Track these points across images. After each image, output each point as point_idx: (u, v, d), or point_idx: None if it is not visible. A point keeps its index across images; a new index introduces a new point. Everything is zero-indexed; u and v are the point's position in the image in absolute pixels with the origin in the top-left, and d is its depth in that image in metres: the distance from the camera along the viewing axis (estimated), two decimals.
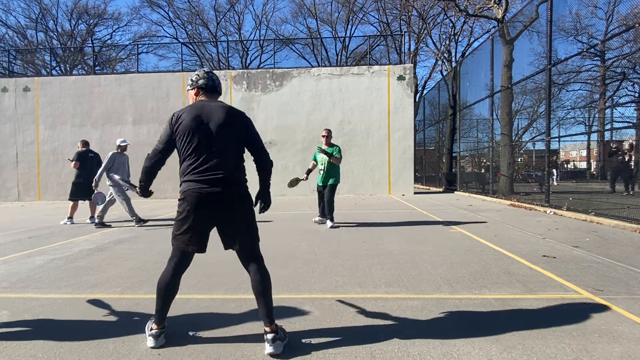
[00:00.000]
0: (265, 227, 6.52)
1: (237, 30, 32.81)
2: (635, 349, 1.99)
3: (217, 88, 2.26)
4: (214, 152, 2.06)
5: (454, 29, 22.71)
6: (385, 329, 2.28)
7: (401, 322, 2.37)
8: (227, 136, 2.09)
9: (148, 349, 2.07)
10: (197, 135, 2.05)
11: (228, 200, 2.07)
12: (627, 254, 4.12)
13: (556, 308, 2.56)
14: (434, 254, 4.20)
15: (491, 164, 12.26)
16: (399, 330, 2.26)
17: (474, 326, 2.29)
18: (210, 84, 2.22)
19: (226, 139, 2.09)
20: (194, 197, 2.04)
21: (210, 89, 2.23)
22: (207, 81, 2.21)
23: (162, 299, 2.09)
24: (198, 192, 2.03)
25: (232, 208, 2.08)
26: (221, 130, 2.07)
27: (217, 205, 2.05)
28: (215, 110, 2.10)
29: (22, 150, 14.65)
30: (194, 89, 2.23)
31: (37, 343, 2.16)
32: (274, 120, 14.25)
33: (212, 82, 2.22)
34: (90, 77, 14.93)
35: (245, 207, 2.13)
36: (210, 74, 2.24)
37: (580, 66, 11.50)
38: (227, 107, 2.15)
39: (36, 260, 4.30)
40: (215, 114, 2.09)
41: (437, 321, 2.38)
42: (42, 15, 28.93)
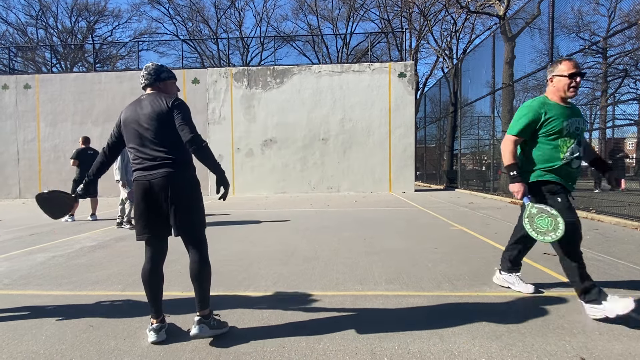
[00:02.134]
0: (265, 224, 6.53)
1: (238, 27, 32.72)
2: (636, 346, 1.99)
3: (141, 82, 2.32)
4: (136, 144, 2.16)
5: (455, 26, 22.62)
6: (385, 326, 2.28)
7: (401, 319, 2.37)
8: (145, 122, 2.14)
9: (149, 345, 2.08)
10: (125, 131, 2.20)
11: (158, 186, 2.10)
12: (627, 251, 4.12)
13: (557, 305, 2.56)
14: (435, 251, 4.20)
15: (492, 161, 12.24)
16: (399, 327, 2.26)
17: (475, 323, 2.29)
18: (142, 80, 2.33)
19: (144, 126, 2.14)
20: (136, 186, 2.16)
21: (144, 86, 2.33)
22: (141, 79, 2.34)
23: (147, 290, 2.16)
24: (135, 181, 2.16)
25: (166, 194, 2.10)
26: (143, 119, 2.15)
27: (151, 192, 2.11)
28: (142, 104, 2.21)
29: (23, 147, 14.67)
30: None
31: (38, 340, 2.17)
32: (274, 118, 14.24)
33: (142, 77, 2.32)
34: (90, 75, 14.91)
35: (180, 191, 2.11)
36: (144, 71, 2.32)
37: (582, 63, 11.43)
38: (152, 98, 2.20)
39: (37, 257, 4.31)
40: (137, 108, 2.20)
41: (437, 318, 2.38)
42: (42, 12, 28.89)
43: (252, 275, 3.41)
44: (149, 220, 2.12)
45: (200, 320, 2.10)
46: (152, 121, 2.13)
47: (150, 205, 2.11)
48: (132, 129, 2.16)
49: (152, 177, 2.09)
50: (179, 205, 2.10)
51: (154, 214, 2.12)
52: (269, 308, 2.60)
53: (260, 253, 4.29)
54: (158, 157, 2.10)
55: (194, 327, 2.09)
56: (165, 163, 2.10)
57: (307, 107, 14.18)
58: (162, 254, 2.21)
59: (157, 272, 2.17)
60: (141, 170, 2.13)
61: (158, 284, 2.17)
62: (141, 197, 2.12)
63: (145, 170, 2.11)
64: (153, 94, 2.23)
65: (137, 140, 2.15)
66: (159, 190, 2.09)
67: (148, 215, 2.12)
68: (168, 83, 2.34)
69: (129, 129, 2.18)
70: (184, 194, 2.12)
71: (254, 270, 3.56)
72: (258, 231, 5.79)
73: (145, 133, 2.13)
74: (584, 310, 2.37)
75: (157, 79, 2.32)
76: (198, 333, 2.08)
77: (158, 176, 2.09)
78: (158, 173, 2.09)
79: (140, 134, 2.14)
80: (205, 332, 2.09)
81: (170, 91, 2.33)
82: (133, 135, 2.16)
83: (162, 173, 2.09)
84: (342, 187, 14.12)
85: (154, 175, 2.09)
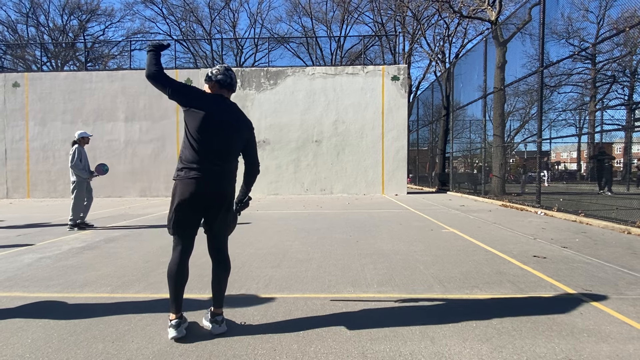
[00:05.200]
0: (257, 226, 6.49)
1: (232, 28, 32.66)
2: (623, 348, 2.02)
3: (234, 87, 2.33)
4: (219, 147, 2.15)
5: (448, 30, 22.84)
6: (377, 328, 2.28)
7: (393, 322, 2.38)
8: (234, 137, 2.21)
9: (138, 348, 2.05)
10: (211, 125, 2.13)
11: (221, 197, 2.17)
12: (615, 254, 4.18)
13: (546, 308, 2.59)
14: (426, 254, 4.22)
15: (483, 164, 12.37)
16: (390, 329, 2.26)
17: (465, 326, 2.31)
18: (229, 81, 2.29)
19: (232, 139, 2.20)
20: (187, 186, 2.11)
21: (227, 86, 2.29)
22: (226, 78, 2.28)
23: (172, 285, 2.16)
24: (193, 183, 2.10)
25: (222, 205, 2.19)
26: (231, 130, 2.19)
27: (211, 199, 2.15)
28: (232, 109, 2.25)
29: (11, 146, 14.41)
30: (211, 82, 2.27)
31: (24, 343, 2.13)
32: (267, 119, 14.21)
33: (231, 79, 2.29)
34: (81, 73, 14.73)
35: (229, 205, 2.26)
36: (230, 72, 2.30)
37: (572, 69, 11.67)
38: (241, 111, 2.31)
39: (24, 258, 4.23)
40: (231, 113, 2.23)
41: (428, 320, 2.39)
42: (33, 9, 28.49)
43: (243, 277, 3.39)
44: (191, 218, 2.16)
45: (223, 318, 2.25)
46: (240, 134, 2.24)
47: (197, 206, 2.13)
48: (223, 132, 2.16)
49: (215, 185, 2.13)
50: (228, 215, 2.25)
51: (197, 214, 2.17)
52: (261, 310, 2.58)
53: (252, 255, 4.27)
54: (229, 168, 2.21)
55: (217, 325, 2.22)
56: (231, 176, 2.23)
57: (301, 108, 14.19)
58: (191, 251, 2.24)
59: (185, 267, 2.19)
60: (205, 171, 2.11)
61: (184, 279, 2.19)
62: (194, 197, 2.10)
63: (210, 174, 2.12)
64: (235, 103, 2.31)
65: (222, 144, 2.16)
66: (217, 198, 2.15)
67: (192, 214, 2.15)
68: None
69: (218, 127, 2.14)
70: (231, 206, 2.27)
71: (245, 272, 3.54)
72: (250, 233, 5.77)
73: (233, 141, 2.20)
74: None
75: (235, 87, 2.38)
76: (226, 330, 2.24)
77: (223, 186, 2.16)
78: (223, 183, 2.17)
79: (231, 140, 2.18)
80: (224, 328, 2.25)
81: None
82: (221, 136, 2.15)
83: (227, 185, 2.19)
84: (335, 189, 14.13)
85: (219, 184, 2.15)
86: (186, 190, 2.09)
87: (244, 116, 2.31)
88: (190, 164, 2.12)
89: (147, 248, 4.69)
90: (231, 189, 2.24)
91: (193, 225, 2.19)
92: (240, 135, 2.24)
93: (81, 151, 6.33)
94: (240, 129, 2.24)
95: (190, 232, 2.19)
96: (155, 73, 2.11)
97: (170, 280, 2.15)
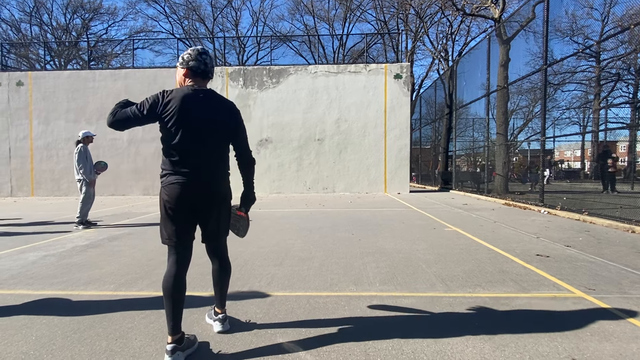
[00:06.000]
0: (260, 224, 6.51)
1: (234, 26, 32.67)
2: (627, 347, 2.01)
3: (209, 74, 2.09)
4: (197, 147, 1.96)
5: (451, 28, 22.74)
6: (379, 326, 2.28)
7: (395, 320, 2.38)
8: (214, 131, 2.00)
9: (141, 346, 2.06)
10: (185, 124, 1.93)
11: (210, 197, 2.01)
12: (619, 253, 4.16)
13: (549, 307, 2.58)
14: (429, 253, 4.22)
15: (486, 163, 12.32)
16: (392, 328, 2.26)
17: (468, 324, 2.30)
18: (202, 68, 2.04)
19: (212, 134, 2.00)
20: (176, 188, 1.94)
21: (201, 74, 2.05)
22: (199, 65, 2.03)
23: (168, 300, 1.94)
24: (182, 186, 1.93)
25: (212, 205, 2.03)
26: (208, 125, 1.98)
27: (199, 200, 1.98)
28: (207, 101, 2.00)
29: (15, 145, 14.49)
30: (183, 68, 2.05)
31: (28, 340, 2.14)
32: (270, 118, 14.21)
33: (205, 66, 2.04)
34: (84, 72, 14.78)
35: (225, 205, 2.11)
36: (203, 56, 2.04)
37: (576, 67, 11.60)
38: (219, 98, 2.05)
39: (29, 256, 4.26)
40: (206, 106, 1.99)
41: (430, 319, 2.39)
42: (36, 8, 28.60)
43: (246, 275, 3.40)
44: (184, 225, 1.97)
45: (225, 317, 2.24)
46: (224, 125, 2.03)
47: (188, 210, 1.96)
48: (201, 130, 1.96)
49: (199, 186, 1.95)
50: (222, 214, 2.09)
51: (187, 219, 1.99)
52: (263, 308, 2.59)
53: (254, 253, 4.28)
54: (214, 164, 2.01)
55: (221, 324, 2.22)
56: (220, 171, 2.05)
57: (303, 107, 14.18)
58: (188, 260, 2.03)
59: (181, 280, 1.97)
60: (185, 174, 1.94)
61: (180, 294, 1.96)
62: (181, 201, 1.93)
63: (196, 174, 1.95)
64: (213, 91, 2.06)
65: (200, 142, 1.96)
66: (203, 199, 1.98)
67: (181, 221, 1.96)
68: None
69: (193, 124, 1.94)
70: (225, 204, 2.10)
71: (248, 271, 3.55)
72: (252, 231, 5.78)
73: (214, 136, 1.99)
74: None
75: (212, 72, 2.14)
76: (230, 328, 2.24)
77: (208, 185, 1.99)
78: (213, 181, 2.00)
79: (210, 136, 1.98)
80: (227, 326, 2.24)
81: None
82: (198, 135, 1.95)
83: (217, 181, 2.02)
84: (338, 187, 14.13)
85: (203, 184, 1.97)
86: (170, 197, 1.93)
87: (226, 104, 2.07)
88: (169, 169, 1.95)
89: (151, 246, 4.71)
90: (219, 186, 2.04)
91: (185, 231, 1.98)
92: (222, 126, 2.03)
93: (86, 150, 6.37)
94: (220, 120, 2.02)
95: (183, 241, 1.98)
96: (111, 124, 1.92)
97: (166, 295, 1.92)
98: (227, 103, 2.09)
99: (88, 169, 6.33)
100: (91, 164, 6.43)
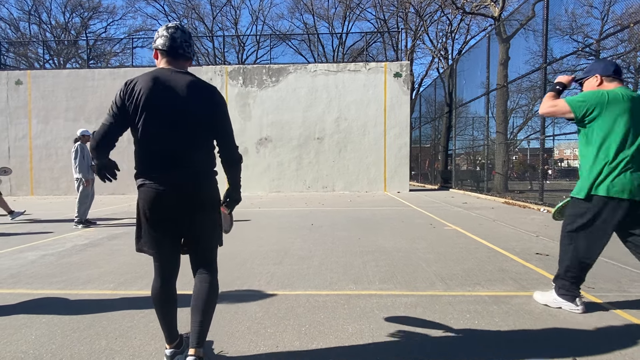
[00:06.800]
0: (259, 223, 6.50)
1: (234, 25, 32.59)
2: (626, 345, 2.01)
3: (179, 50, 1.72)
4: (168, 138, 1.65)
5: (450, 26, 22.72)
6: (379, 325, 2.28)
7: (395, 319, 2.38)
8: (186, 119, 1.66)
9: (141, 345, 2.06)
10: (149, 113, 1.63)
11: (191, 199, 1.70)
12: (618, 251, 4.15)
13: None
14: (429, 251, 4.22)
15: (486, 161, 12.32)
16: (392, 326, 2.26)
17: (467, 323, 2.30)
18: (169, 43, 1.70)
19: (185, 123, 1.67)
20: (149, 194, 1.67)
21: (169, 52, 1.71)
22: (165, 41, 1.70)
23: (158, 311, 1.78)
24: (157, 189, 1.65)
25: (191, 210, 1.71)
26: (182, 111, 1.65)
27: (178, 204, 1.68)
28: (177, 84, 1.66)
29: (14, 144, 14.47)
30: (153, 50, 1.77)
31: (28, 339, 2.14)
32: (269, 117, 14.20)
33: (172, 41, 1.70)
34: (84, 71, 14.75)
35: (212, 207, 1.78)
36: (170, 30, 1.71)
37: (576, 65, 11.56)
38: (194, 80, 1.70)
39: (28, 255, 4.26)
40: (176, 88, 1.65)
41: (430, 318, 2.39)
42: (35, 7, 28.53)
43: (245, 274, 3.40)
44: (160, 233, 1.71)
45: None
46: (193, 110, 1.66)
47: (163, 215, 1.68)
48: (161, 114, 1.63)
49: (176, 182, 1.66)
50: (205, 218, 1.75)
51: (167, 225, 1.71)
52: (263, 307, 2.59)
53: (253, 252, 4.28)
54: (188, 156, 1.68)
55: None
56: (195, 166, 1.70)
57: (303, 106, 14.16)
58: (173, 271, 1.80)
59: (169, 291, 1.77)
60: (159, 170, 1.66)
61: (169, 304, 1.78)
62: (153, 205, 1.67)
63: (166, 171, 1.66)
64: (190, 74, 1.72)
65: (164, 130, 1.64)
66: (183, 199, 1.67)
67: (160, 227, 1.70)
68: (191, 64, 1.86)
69: (153, 111, 1.63)
70: (209, 205, 1.76)
71: (247, 270, 3.55)
72: (252, 230, 5.78)
73: (180, 123, 1.65)
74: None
75: (193, 53, 1.81)
76: None
77: (187, 181, 1.67)
78: (186, 177, 1.67)
79: (173, 122, 1.64)
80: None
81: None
82: (159, 121, 1.64)
83: (192, 178, 1.69)
84: (337, 186, 14.12)
85: (180, 179, 1.66)
86: (144, 203, 1.68)
87: (202, 89, 1.70)
88: (141, 172, 1.69)
89: None
90: (199, 187, 1.72)
91: (164, 239, 1.72)
92: (196, 115, 1.68)
93: (83, 148, 6.36)
94: (193, 108, 1.67)
95: (164, 249, 1.73)
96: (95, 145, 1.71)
97: (155, 306, 1.76)
98: (205, 88, 1.72)
99: (85, 168, 6.32)
100: (88, 163, 6.42)
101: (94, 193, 6.63)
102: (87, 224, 6.37)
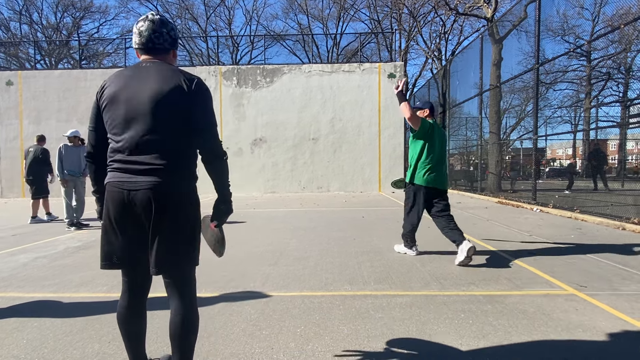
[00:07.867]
0: (254, 224, 6.49)
1: (228, 25, 32.48)
2: (617, 343, 2.04)
3: (149, 44, 1.56)
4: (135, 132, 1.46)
5: (444, 27, 22.85)
6: (374, 326, 2.29)
7: (390, 319, 2.38)
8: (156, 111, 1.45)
9: None
10: (116, 107, 1.49)
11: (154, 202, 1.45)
12: (610, 250, 4.21)
13: (542, 304, 2.60)
14: (423, 251, 4.23)
15: (479, 161, 12.40)
16: (387, 326, 2.27)
17: (462, 322, 2.32)
18: (138, 40, 1.58)
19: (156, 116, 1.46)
20: (114, 195, 1.49)
21: (143, 49, 1.58)
22: (136, 38, 1.58)
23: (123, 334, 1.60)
24: (119, 189, 1.47)
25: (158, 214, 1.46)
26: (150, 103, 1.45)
27: (131, 206, 1.47)
28: (148, 74, 1.50)
29: (5, 145, 14.29)
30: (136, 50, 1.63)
31: (19, 343, 2.11)
32: (264, 117, 14.17)
33: (140, 36, 1.57)
34: (76, 71, 14.61)
35: (180, 216, 1.51)
36: (139, 24, 1.57)
37: (567, 66, 11.72)
38: (168, 69, 1.53)
39: (20, 258, 4.21)
40: (146, 79, 1.49)
41: (425, 317, 2.40)
42: (26, 7, 28.20)
43: (240, 275, 3.39)
44: (126, 243, 1.51)
45: None
46: (157, 102, 1.45)
47: (126, 225, 1.49)
48: (122, 109, 1.47)
49: (134, 186, 1.45)
50: (178, 232, 1.49)
51: (132, 236, 1.51)
52: (258, 308, 2.58)
53: (248, 253, 4.26)
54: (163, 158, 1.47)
55: None
56: (161, 168, 1.46)
57: (297, 106, 14.16)
58: (144, 288, 1.63)
59: (136, 312, 1.59)
60: (119, 172, 1.48)
61: (136, 326, 1.61)
62: (114, 213, 1.49)
63: (126, 173, 1.46)
64: (163, 64, 1.55)
65: (123, 127, 1.47)
66: (143, 206, 1.45)
67: (122, 239, 1.51)
68: (175, 54, 1.70)
69: (116, 107, 1.49)
70: (177, 214, 1.49)
71: (242, 271, 3.53)
72: (246, 231, 5.76)
73: (140, 118, 1.45)
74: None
75: (174, 44, 1.64)
76: None
77: (144, 185, 1.44)
78: (145, 181, 1.44)
79: (133, 118, 1.46)
80: None
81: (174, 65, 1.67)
82: (121, 118, 1.48)
83: (151, 182, 1.44)
84: (332, 186, 14.13)
85: (138, 182, 1.44)
86: (109, 206, 1.51)
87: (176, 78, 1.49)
88: (110, 167, 1.54)
89: None
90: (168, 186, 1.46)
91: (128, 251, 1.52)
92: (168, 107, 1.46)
93: (67, 149, 6.30)
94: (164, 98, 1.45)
95: (130, 264, 1.54)
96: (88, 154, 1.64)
97: (120, 328, 1.59)
98: (178, 76, 1.50)
99: (61, 168, 6.22)
100: (73, 164, 6.30)
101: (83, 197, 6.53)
102: (79, 226, 6.31)
